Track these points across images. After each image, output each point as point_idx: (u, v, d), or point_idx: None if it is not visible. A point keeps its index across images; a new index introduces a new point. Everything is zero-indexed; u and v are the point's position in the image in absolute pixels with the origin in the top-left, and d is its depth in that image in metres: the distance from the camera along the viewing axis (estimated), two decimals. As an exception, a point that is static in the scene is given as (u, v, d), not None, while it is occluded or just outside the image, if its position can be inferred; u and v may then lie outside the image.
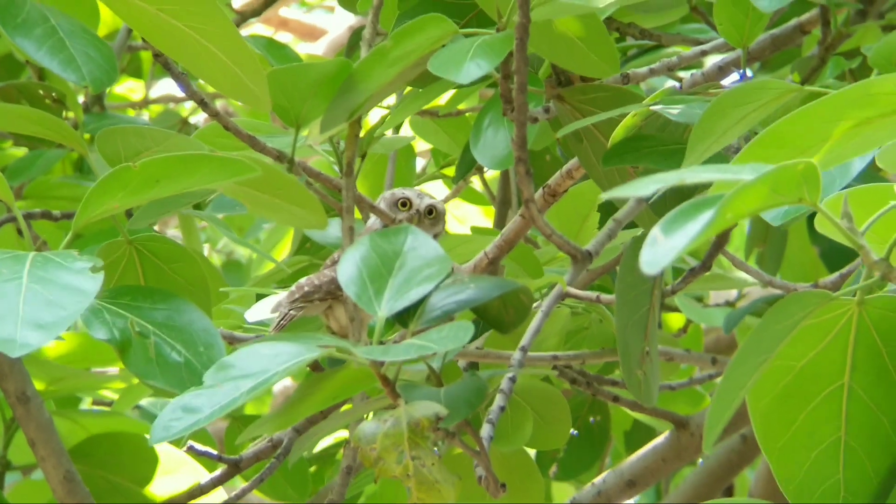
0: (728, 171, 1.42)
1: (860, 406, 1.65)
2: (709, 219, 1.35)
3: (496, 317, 1.92)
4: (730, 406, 1.55)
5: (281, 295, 2.18)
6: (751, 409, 1.67)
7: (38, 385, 2.72)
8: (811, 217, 2.28)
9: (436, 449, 1.72)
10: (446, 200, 3.28)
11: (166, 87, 4.62)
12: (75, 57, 2.08)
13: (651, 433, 2.98)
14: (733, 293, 2.96)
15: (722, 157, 2.02)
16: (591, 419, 3.08)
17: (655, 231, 1.35)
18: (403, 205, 2.23)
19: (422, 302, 1.80)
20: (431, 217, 2.23)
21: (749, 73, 2.29)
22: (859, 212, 1.55)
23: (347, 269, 1.80)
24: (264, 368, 1.67)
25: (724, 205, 1.36)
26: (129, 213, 2.26)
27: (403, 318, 1.81)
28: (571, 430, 3.01)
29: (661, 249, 1.34)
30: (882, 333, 1.64)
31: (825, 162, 1.48)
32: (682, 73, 2.53)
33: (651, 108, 2.05)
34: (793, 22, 2.44)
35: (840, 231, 1.54)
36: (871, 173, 1.86)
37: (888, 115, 1.54)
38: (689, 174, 1.41)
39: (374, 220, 2.25)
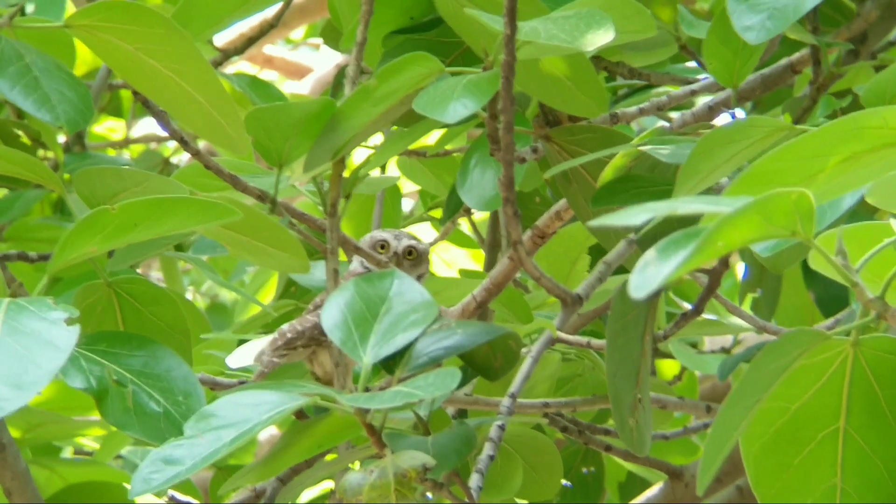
0: (720, 204, 1.40)
1: (856, 451, 1.62)
2: (698, 245, 1.32)
3: (484, 363, 1.90)
4: (723, 448, 1.52)
5: (263, 341, 2.14)
6: (744, 454, 1.64)
7: (15, 433, 2.68)
8: (806, 262, 2.26)
9: (428, 496, 1.69)
10: (434, 243, 3.24)
11: (148, 126, 4.59)
12: (49, 96, 2.05)
13: (646, 485, 2.94)
14: (729, 339, 2.93)
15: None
16: (585, 470, 3.03)
17: (646, 257, 1.33)
18: (382, 247, 2.20)
19: (408, 348, 1.79)
20: (412, 258, 2.20)
21: (741, 112, 2.26)
22: (854, 249, 1.53)
23: (332, 315, 1.79)
24: (247, 418, 1.65)
25: (714, 231, 1.34)
26: (110, 253, 2.22)
27: (389, 364, 1.80)
28: (564, 481, 2.96)
29: (649, 274, 1.32)
30: (878, 375, 1.61)
31: (815, 198, 1.45)
32: (672, 114, 2.50)
33: (640, 148, 2.03)
34: (783, 61, 2.42)
35: (834, 268, 1.51)
36: (862, 210, 1.83)
37: (877, 150, 1.52)
38: (681, 205, 1.40)
39: (356, 263, 2.21)
